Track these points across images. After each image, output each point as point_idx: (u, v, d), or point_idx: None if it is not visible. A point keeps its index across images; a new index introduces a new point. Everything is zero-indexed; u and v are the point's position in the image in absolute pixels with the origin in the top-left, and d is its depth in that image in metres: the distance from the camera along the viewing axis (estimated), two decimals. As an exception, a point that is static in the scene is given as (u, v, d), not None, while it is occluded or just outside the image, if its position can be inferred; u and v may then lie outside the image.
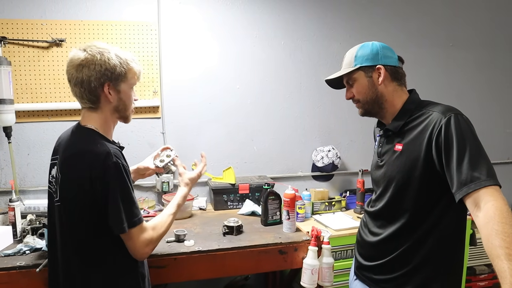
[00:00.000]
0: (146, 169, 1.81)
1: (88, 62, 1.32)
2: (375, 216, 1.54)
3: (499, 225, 1.08)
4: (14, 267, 1.65)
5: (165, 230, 1.47)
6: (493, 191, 1.17)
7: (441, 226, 1.38)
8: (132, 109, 1.48)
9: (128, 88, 1.42)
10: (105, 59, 1.33)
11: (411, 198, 1.39)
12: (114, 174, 1.28)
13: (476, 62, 3.28)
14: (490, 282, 2.95)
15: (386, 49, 1.49)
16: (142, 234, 1.36)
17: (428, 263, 1.40)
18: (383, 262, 1.47)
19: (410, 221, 1.40)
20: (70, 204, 1.34)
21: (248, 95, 2.81)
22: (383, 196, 1.49)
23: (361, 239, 1.61)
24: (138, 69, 1.44)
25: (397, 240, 1.44)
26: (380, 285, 1.49)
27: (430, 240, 1.39)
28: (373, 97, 1.48)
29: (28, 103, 2.41)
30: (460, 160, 1.23)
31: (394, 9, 3.03)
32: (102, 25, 2.48)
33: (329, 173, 2.96)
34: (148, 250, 1.38)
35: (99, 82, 1.34)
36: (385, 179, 1.47)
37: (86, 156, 1.29)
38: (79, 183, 1.29)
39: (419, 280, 1.41)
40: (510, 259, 1.02)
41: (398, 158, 1.42)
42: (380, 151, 1.54)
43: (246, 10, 2.74)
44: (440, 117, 1.32)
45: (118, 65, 1.35)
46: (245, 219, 2.25)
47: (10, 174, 2.40)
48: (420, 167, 1.35)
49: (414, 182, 1.37)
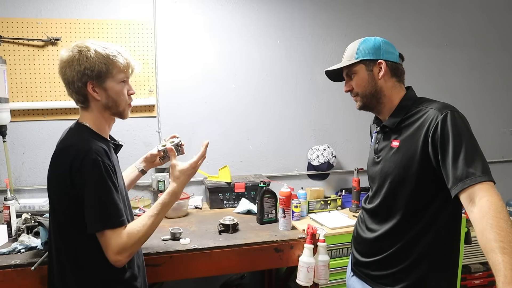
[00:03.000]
0: (152, 156, 1.80)
1: (69, 62, 1.31)
2: (372, 212, 1.55)
3: (493, 220, 1.10)
4: (9, 266, 1.64)
5: (143, 235, 1.33)
6: (488, 187, 1.18)
7: (437, 223, 1.39)
8: (128, 104, 1.43)
9: (115, 84, 1.35)
10: (83, 57, 1.30)
11: (407, 194, 1.40)
12: (91, 171, 1.24)
13: (470, 62, 3.30)
14: (485, 280, 2.96)
15: (388, 45, 1.50)
16: (115, 239, 1.25)
17: (425, 259, 1.41)
18: (380, 258, 1.48)
19: (406, 218, 1.42)
20: (55, 199, 1.32)
21: (244, 94, 2.81)
22: (379, 193, 1.50)
23: (358, 236, 1.62)
24: (125, 61, 1.36)
25: (394, 237, 1.45)
26: (377, 281, 1.50)
27: (426, 237, 1.40)
28: (372, 91, 1.49)
29: (23, 102, 2.41)
30: (456, 156, 1.24)
31: (389, 8, 3.05)
32: (98, 24, 2.47)
33: (325, 172, 2.97)
34: (121, 258, 1.27)
35: (82, 82, 1.31)
36: (382, 176, 1.48)
37: (70, 151, 1.28)
38: (62, 178, 1.27)
39: (415, 276, 1.42)
40: (504, 252, 1.03)
41: (395, 155, 1.43)
42: (377, 147, 1.55)
43: (242, 10, 2.75)
44: (436, 114, 1.33)
45: (96, 63, 1.30)
46: (241, 218, 2.26)
47: (5, 173, 2.39)
48: (416, 164, 1.36)
49: (410, 178, 1.38)
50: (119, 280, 1.36)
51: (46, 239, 1.69)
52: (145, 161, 1.81)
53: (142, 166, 1.80)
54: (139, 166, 1.80)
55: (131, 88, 1.44)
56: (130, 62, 1.40)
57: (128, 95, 1.42)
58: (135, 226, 1.32)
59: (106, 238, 1.25)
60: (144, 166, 1.80)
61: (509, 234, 1.06)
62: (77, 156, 1.25)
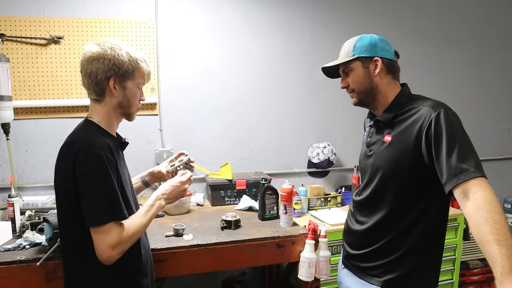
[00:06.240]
0: (159, 173, 1.80)
1: (99, 55, 1.36)
2: (361, 205, 1.58)
3: (488, 213, 1.12)
4: (14, 261, 1.66)
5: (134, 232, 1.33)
6: (482, 182, 1.21)
7: (425, 217, 1.43)
8: (137, 108, 1.48)
9: (134, 86, 1.42)
10: (115, 54, 1.36)
11: (397, 188, 1.44)
12: (93, 164, 1.26)
13: (468, 60, 3.33)
14: (484, 277, 2.99)
15: (384, 42, 1.53)
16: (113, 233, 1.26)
17: (414, 252, 1.45)
18: (370, 251, 1.52)
19: (396, 211, 1.45)
20: (61, 192, 1.34)
21: (245, 92, 2.83)
22: (369, 185, 1.53)
23: (348, 228, 1.66)
24: (147, 70, 1.45)
25: (383, 229, 1.48)
26: (367, 272, 1.53)
27: (415, 231, 1.44)
28: (367, 88, 1.52)
29: (26, 100, 2.43)
30: (450, 152, 1.27)
31: (388, 7, 3.08)
32: (100, 22, 2.49)
33: (325, 169, 3.00)
34: (115, 253, 1.27)
35: (106, 76, 1.36)
36: (373, 169, 1.52)
37: (75, 144, 1.30)
38: (66, 171, 1.29)
39: (404, 268, 1.46)
40: (500, 244, 1.06)
41: (387, 149, 1.46)
42: (369, 141, 1.59)
43: (243, 9, 2.77)
44: (430, 112, 1.36)
45: (126, 62, 1.37)
46: (242, 214, 2.28)
47: (8, 171, 2.41)
48: (407, 159, 1.40)
49: (401, 173, 1.42)
50: (127, 272, 1.39)
51: (51, 235, 1.70)
52: (150, 175, 1.81)
53: (146, 179, 1.81)
54: (144, 179, 1.81)
55: (143, 94, 1.50)
56: (150, 72, 1.48)
57: (140, 100, 1.48)
58: (129, 222, 1.34)
59: (103, 232, 1.26)
60: (149, 179, 1.81)
61: (503, 227, 1.09)
62: (81, 149, 1.27)
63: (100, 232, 1.26)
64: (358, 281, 1.56)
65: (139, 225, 1.36)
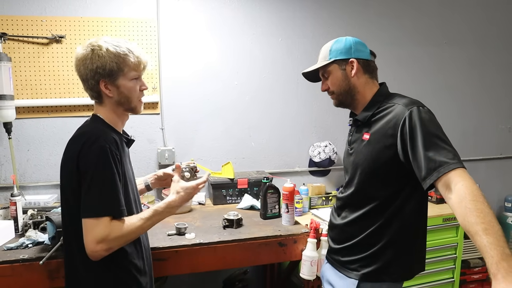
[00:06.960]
0: (165, 175, 1.78)
1: (83, 60, 1.35)
2: (343, 201, 1.62)
3: (471, 203, 1.13)
4: (17, 260, 1.66)
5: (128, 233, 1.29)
6: (461, 172, 1.22)
7: (403, 212, 1.47)
8: (139, 100, 1.45)
9: (127, 81, 1.38)
10: (95, 56, 1.33)
11: (376, 186, 1.48)
12: (96, 156, 1.26)
13: (469, 60, 3.33)
14: (484, 275, 3.00)
15: (359, 43, 1.57)
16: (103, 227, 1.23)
17: (391, 246, 1.49)
18: (349, 245, 1.56)
19: (375, 206, 1.49)
20: (66, 184, 1.35)
21: (246, 91, 2.84)
22: (351, 183, 1.57)
23: (331, 223, 1.71)
24: (136, 60, 1.38)
25: (362, 223, 1.52)
26: (346, 266, 1.57)
27: (393, 226, 1.48)
28: (346, 89, 1.57)
29: (28, 99, 2.43)
30: (426, 148, 1.29)
31: (389, 7, 3.07)
32: (102, 21, 2.49)
33: (326, 168, 3.00)
34: (99, 248, 1.22)
35: (94, 80, 1.35)
36: (354, 167, 1.56)
37: (82, 137, 1.31)
38: (70, 163, 1.29)
39: (381, 261, 1.49)
40: (487, 233, 1.07)
41: (366, 147, 1.50)
42: (350, 139, 1.64)
43: (244, 8, 2.77)
44: (403, 110, 1.40)
45: (108, 62, 1.33)
46: (244, 213, 2.28)
47: (10, 170, 2.42)
48: (384, 157, 1.44)
49: (379, 170, 1.46)
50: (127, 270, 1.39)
51: (53, 234, 1.71)
52: (155, 178, 1.80)
53: (149, 182, 1.79)
54: (147, 181, 1.80)
55: (144, 84, 1.46)
56: (141, 59, 1.41)
57: (140, 91, 1.44)
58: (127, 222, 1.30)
59: (92, 225, 1.23)
60: (152, 182, 1.79)
61: (487, 215, 1.10)
62: (87, 142, 1.28)
63: (89, 224, 1.24)
64: (338, 275, 1.61)
65: (137, 228, 1.32)
